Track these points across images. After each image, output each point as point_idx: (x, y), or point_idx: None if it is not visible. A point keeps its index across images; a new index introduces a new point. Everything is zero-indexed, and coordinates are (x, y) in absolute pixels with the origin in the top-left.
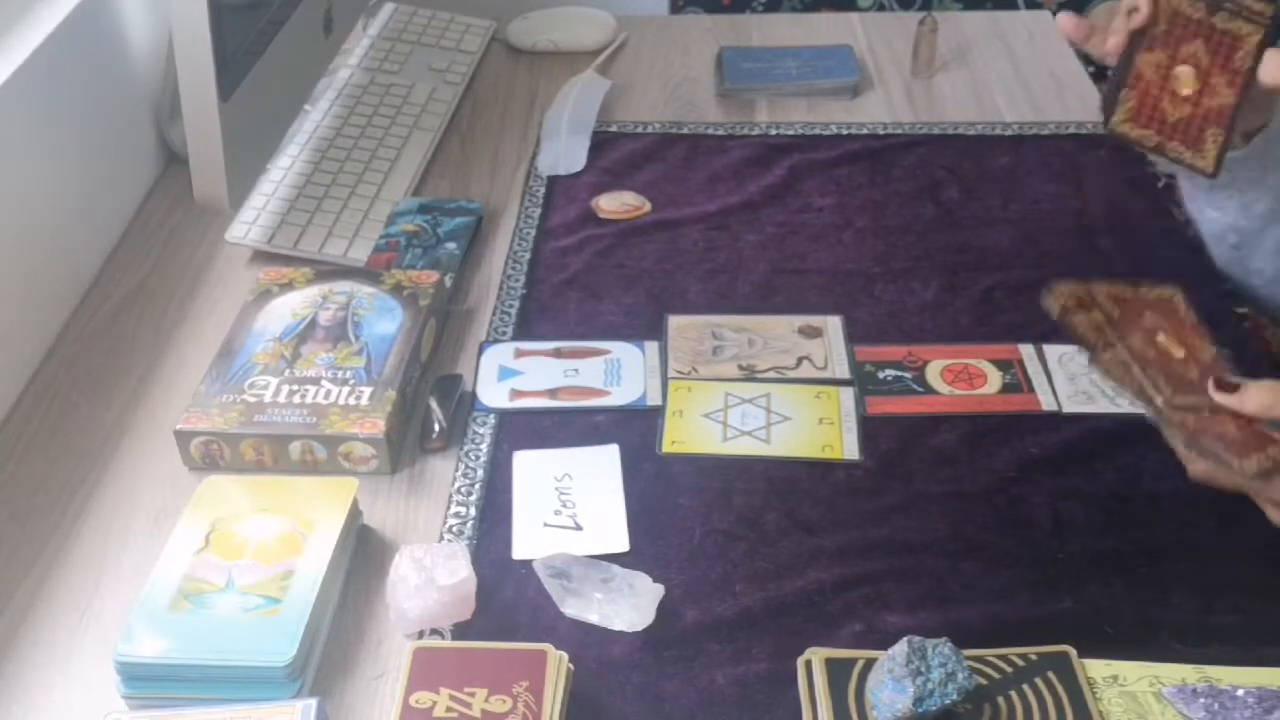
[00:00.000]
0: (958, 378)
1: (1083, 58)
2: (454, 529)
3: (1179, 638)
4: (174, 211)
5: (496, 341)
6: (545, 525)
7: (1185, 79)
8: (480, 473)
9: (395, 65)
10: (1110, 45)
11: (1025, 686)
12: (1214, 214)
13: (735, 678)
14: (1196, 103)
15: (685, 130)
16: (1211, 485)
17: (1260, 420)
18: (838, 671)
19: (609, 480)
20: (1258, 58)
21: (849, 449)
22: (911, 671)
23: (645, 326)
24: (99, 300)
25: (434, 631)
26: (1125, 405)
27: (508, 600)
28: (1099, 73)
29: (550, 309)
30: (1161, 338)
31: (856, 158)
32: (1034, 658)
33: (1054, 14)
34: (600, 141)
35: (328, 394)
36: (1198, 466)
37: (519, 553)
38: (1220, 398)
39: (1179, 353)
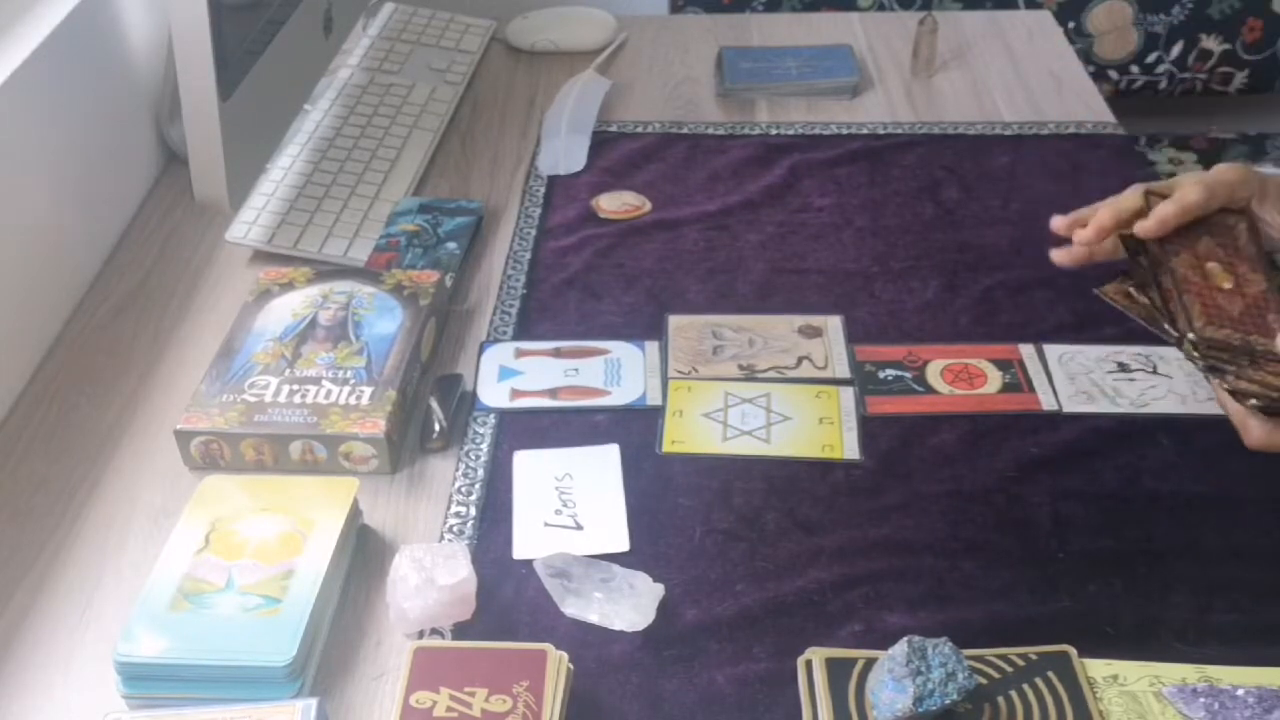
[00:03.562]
0: (958, 377)
1: (1083, 57)
2: (454, 529)
3: (1179, 638)
4: (174, 211)
5: (496, 341)
6: (545, 525)
7: (1218, 275)
8: (480, 472)
9: (395, 65)
10: (1089, 234)
11: (1025, 686)
12: None
13: (735, 678)
14: (1242, 293)
15: (685, 130)
16: (1273, 449)
17: None
18: (838, 671)
19: (609, 480)
20: (1255, 238)
21: (849, 449)
22: (911, 671)
23: (645, 326)
24: (99, 300)
25: (434, 631)
26: (1125, 405)
27: (508, 600)
28: (1099, 72)
29: (550, 309)
30: (1211, 265)
31: (856, 158)
32: (1034, 657)
33: (1054, 13)
34: (600, 141)
35: (328, 394)
36: (1255, 434)
37: (519, 552)
38: None
39: (1226, 283)
